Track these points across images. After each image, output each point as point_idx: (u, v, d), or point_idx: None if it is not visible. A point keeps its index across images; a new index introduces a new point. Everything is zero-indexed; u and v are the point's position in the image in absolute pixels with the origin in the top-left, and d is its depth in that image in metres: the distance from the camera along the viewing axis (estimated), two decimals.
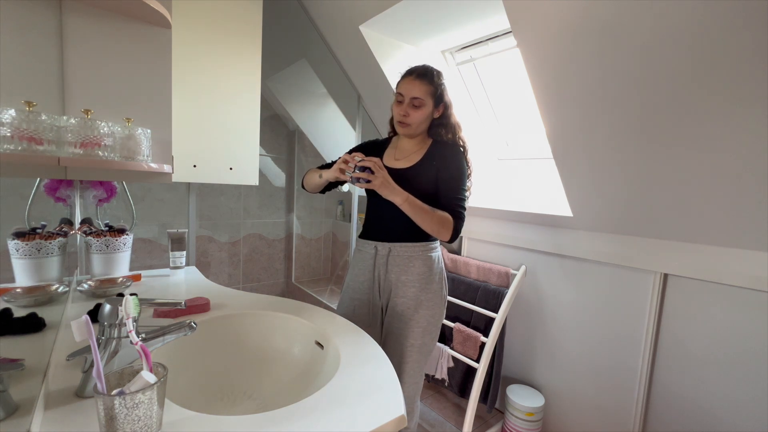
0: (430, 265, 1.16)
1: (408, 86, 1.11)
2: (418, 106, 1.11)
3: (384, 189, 1.02)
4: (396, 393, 0.66)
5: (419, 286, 1.14)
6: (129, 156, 0.81)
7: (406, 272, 1.14)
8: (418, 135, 1.18)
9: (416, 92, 1.10)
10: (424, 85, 1.11)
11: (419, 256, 1.15)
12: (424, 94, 1.10)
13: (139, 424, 0.47)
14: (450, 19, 1.48)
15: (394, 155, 1.20)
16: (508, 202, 1.84)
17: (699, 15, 0.83)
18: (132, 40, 0.86)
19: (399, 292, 1.15)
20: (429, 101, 1.12)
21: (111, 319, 0.60)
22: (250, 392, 0.83)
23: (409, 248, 1.14)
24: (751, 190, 1.04)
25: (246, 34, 1.54)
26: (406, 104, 1.12)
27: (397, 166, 1.16)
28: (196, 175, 1.47)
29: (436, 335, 1.19)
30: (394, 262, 1.15)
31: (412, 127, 1.13)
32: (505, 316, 1.67)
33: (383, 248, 1.16)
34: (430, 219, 1.05)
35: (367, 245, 1.20)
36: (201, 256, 2.48)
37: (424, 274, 1.14)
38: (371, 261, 1.18)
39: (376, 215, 1.21)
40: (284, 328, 0.95)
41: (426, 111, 1.12)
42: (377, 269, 1.17)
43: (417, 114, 1.12)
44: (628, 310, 1.46)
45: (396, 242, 1.15)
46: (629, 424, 1.46)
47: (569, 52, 1.07)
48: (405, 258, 1.14)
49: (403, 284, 1.14)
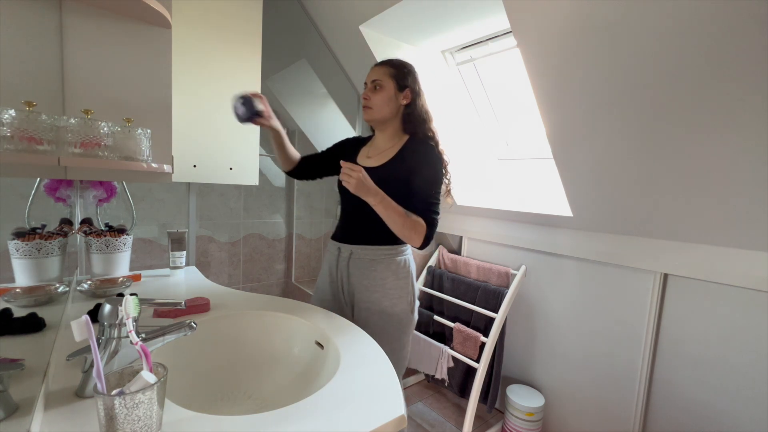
0: (394, 270, 1.10)
1: (369, 74, 1.13)
2: (378, 88, 1.10)
3: (359, 190, 0.97)
4: (396, 393, 0.66)
5: (383, 292, 1.09)
6: (129, 156, 0.81)
7: (367, 277, 1.09)
8: (389, 127, 1.14)
9: (375, 75, 1.11)
10: (384, 68, 1.11)
11: (382, 260, 1.10)
12: (383, 76, 1.10)
13: (139, 424, 0.47)
14: (450, 19, 1.48)
15: (367, 153, 1.18)
16: (508, 202, 1.84)
17: (699, 15, 0.83)
18: (132, 40, 0.86)
19: (363, 297, 1.10)
20: (389, 83, 1.10)
21: (111, 319, 0.60)
22: (250, 392, 0.83)
23: (372, 251, 1.10)
24: (751, 190, 1.04)
25: (246, 34, 1.54)
26: (367, 89, 1.12)
27: (367, 164, 1.12)
28: (196, 175, 1.47)
29: (406, 342, 1.13)
30: (355, 266, 1.11)
31: (374, 110, 1.10)
32: (505, 316, 1.67)
33: (345, 250, 1.13)
34: (402, 223, 1.01)
35: (332, 246, 1.17)
36: (201, 256, 2.48)
37: (388, 279, 1.09)
38: (335, 262, 1.15)
39: (344, 216, 1.18)
40: (284, 328, 0.95)
41: (387, 93, 1.09)
42: (339, 272, 1.14)
43: (377, 96, 1.10)
44: (628, 310, 1.46)
45: (358, 245, 1.11)
46: (629, 424, 1.46)
47: (569, 52, 1.07)
48: (367, 261, 1.10)
49: (365, 289, 1.10)
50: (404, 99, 1.11)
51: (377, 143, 1.18)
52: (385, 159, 1.11)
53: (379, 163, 1.11)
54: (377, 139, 1.18)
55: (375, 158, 1.14)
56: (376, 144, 1.18)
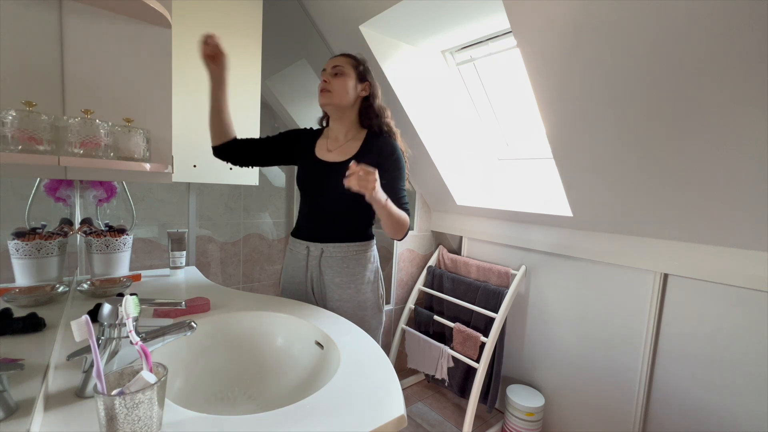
0: (364, 264, 1.13)
1: (328, 63, 1.12)
2: (339, 73, 1.09)
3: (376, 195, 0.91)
4: (396, 393, 0.66)
5: (354, 287, 1.11)
6: (129, 156, 0.81)
7: (340, 274, 1.10)
8: (345, 117, 1.13)
9: (336, 62, 1.10)
10: (345, 58, 1.12)
11: (353, 256, 1.11)
12: (345, 64, 1.10)
13: (139, 424, 0.47)
14: (450, 19, 1.48)
15: (326, 146, 1.16)
16: (508, 202, 1.84)
17: (700, 15, 0.83)
18: (132, 40, 0.86)
19: (334, 295, 1.11)
20: (351, 71, 1.10)
21: (111, 319, 0.60)
22: (250, 392, 0.82)
23: (343, 249, 1.11)
24: (751, 190, 1.04)
25: (246, 34, 1.54)
26: (327, 74, 1.10)
27: (330, 159, 1.11)
28: (196, 175, 1.46)
29: (377, 337, 1.16)
30: (327, 264, 1.11)
31: (334, 94, 1.08)
32: (505, 316, 1.67)
33: (315, 249, 1.12)
34: (398, 222, 1.01)
35: (298, 245, 1.16)
36: (201, 256, 2.48)
37: (359, 274, 1.11)
38: (303, 262, 1.14)
39: (308, 213, 1.16)
40: (284, 328, 0.95)
41: (348, 81, 1.09)
42: (310, 271, 1.14)
43: (338, 81, 1.09)
44: (628, 310, 1.46)
45: (329, 243, 1.11)
46: (629, 424, 1.46)
47: (569, 52, 1.07)
48: (338, 259, 1.11)
49: (337, 286, 1.11)
50: (363, 91, 1.13)
51: (335, 135, 1.16)
52: (349, 154, 1.11)
53: (343, 158, 1.10)
54: (334, 131, 1.17)
55: (336, 152, 1.13)
56: (333, 136, 1.17)
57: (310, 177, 1.14)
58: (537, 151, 1.76)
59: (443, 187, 1.94)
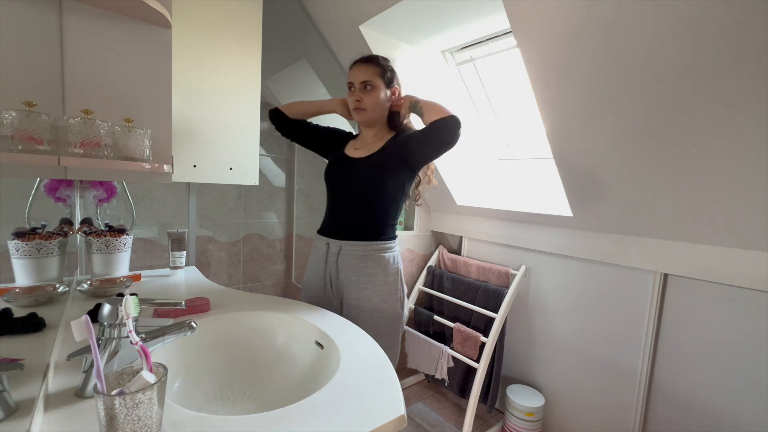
0: (383, 266, 1.11)
1: (356, 73, 1.12)
2: (370, 89, 1.11)
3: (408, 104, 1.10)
4: (396, 393, 0.66)
5: (372, 288, 1.09)
6: (129, 156, 0.81)
7: (357, 273, 1.10)
8: (377, 124, 1.17)
9: (364, 76, 1.11)
10: (371, 67, 1.11)
11: (371, 256, 1.10)
12: (373, 76, 1.11)
13: (139, 424, 0.47)
14: (450, 19, 1.48)
15: (354, 145, 1.20)
16: (508, 202, 1.84)
17: (701, 15, 0.83)
18: (132, 40, 0.86)
19: (352, 294, 1.10)
20: (379, 83, 1.12)
21: (111, 319, 0.60)
22: (250, 392, 0.83)
23: (361, 247, 1.10)
24: (751, 190, 1.04)
25: (246, 34, 1.54)
26: (357, 90, 1.12)
27: (356, 155, 1.16)
28: (196, 175, 1.46)
29: (397, 338, 1.14)
30: (345, 261, 1.11)
31: (368, 111, 1.12)
32: (505, 316, 1.67)
33: (334, 246, 1.13)
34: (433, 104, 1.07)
35: (320, 241, 1.18)
36: (201, 256, 2.48)
37: (377, 275, 1.10)
38: (323, 259, 1.15)
39: (331, 209, 1.18)
40: (284, 328, 0.95)
41: (379, 94, 1.12)
42: (328, 267, 1.14)
43: (369, 97, 1.11)
44: (628, 310, 1.46)
45: (347, 240, 1.11)
46: (629, 424, 1.46)
47: (569, 52, 1.07)
48: (356, 257, 1.10)
49: (355, 285, 1.10)
50: (391, 95, 1.16)
51: (364, 137, 1.21)
52: (372, 150, 1.15)
53: (367, 154, 1.15)
54: (364, 134, 1.22)
55: (362, 150, 1.17)
56: (363, 137, 1.22)
57: (334, 171, 1.18)
58: (537, 151, 1.76)
59: (443, 187, 1.94)
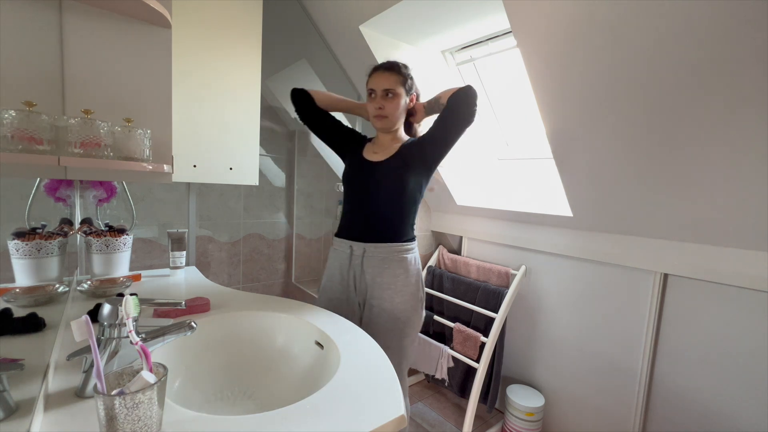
0: (406, 267, 1.14)
1: (378, 80, 1.13)
2: (392, 96, 1.12)
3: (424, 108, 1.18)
4: (396, 393, 0.66)
5: (395, 289, 1.12)
6: (129, 156, 0.81)
7: (381, 274, 1.12)
8: (395, 129, 1.19)
9: (387, 84, 1.12)
10: (393, 75, 1.13)
11: (394, 257, 1.13)
12: (395, 84, 1.12)
13: (139, 424, 0.47)
14: (450, 19, 1.48)
15: (372, 149, 1.21)
16: (508, 202, 1.84)
17: (701, 15, 0.83)
18: (132, 40, 0.86)
19: (375, 294, 1.13)
20: (401, 91, 1.13)
21: (111, 319, 0.60)
22: (250, 392, 0.83)
23: (384, 249, 1.13)
24: (751, 191, 1.04)
25: (246, 34, 1.54)
26: (379, 97, 1.13)
27: (374, 159, 1.17)
28: (196, 175, 1.46)
29: (414, 337, 1.17)
30: (369, 263, 1.13)
31: (389, 119, 1.14)
32: (505, 316, 1.67)
33: (358, 248, 1.14)
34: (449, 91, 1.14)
35: (342, 244, 1.19)
36: (201, 256, 2.48)
37: (400, 276, 1.13)
38: (346, 261, 1.16)
39: (351, 212, 1.20)
40: (284, 328, 0.95)
41: (400, 101, 1.14)
42: (352, 269, 1.16)
43: (391, 105, 1.13)
44: (628, 310, 1.46)
45: (370, 242, 1.13)
46: (629, 424, 1.46)
47: (569, 52, 1.07)
48: (380, 259, 1.12)
49: (378, 286, 1.12)
50: (410, 102, 1.18)
51: (381, 141, 1.22)
52: (390, 153, 1.17)
53: (386, 158, 1.17)
54: (382, 139, 1.22)
55: (381, 154, 1.18)
56: (380, 142, 1.23)
57: (355, 175, 1.19)
58: (537, 151, 1.76)
59: (443, 187, 1.94)
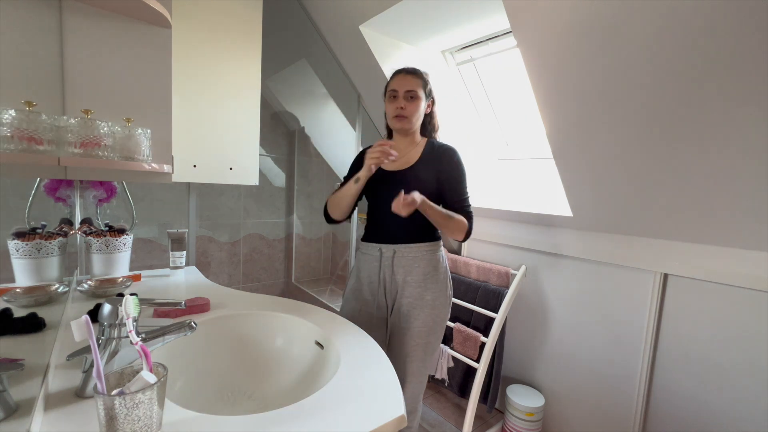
0: (435, 265, 1.18)
1: (401, 81, 1.14)
2: (414, 98, 1.13)
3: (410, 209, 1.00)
4: (396, 393, 0.66)
5: (425, 286, 1.15)
6: (129, 156, 0.81)
7: (411, 273, 1.15)
8: (412, 133, 1.20)
9: (410, 86, 1.13)
10: (416, 79, 1.15)
11: (424, 256, 1.16)
12: (417, 87, 1.14)
13: (139, 424, 0.47)
14: (450, 19, 1.48)
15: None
16: (508, 202, 1.84)
17: (700, 15, 0.83)
18: (132, 40, 0.86)
19: (405, 293, 1.16)
20: (422, 94, 1.15)
21: (111, 319, 0.60)
22: (250, 392, 0.83)
23: (414, 249, 1.16)
24: (751, 190, 1.04)
25: (246, 34, 1.54)
26: (401, 98, 1.13)
27: (394, 168, 1.17)
28: (196, 175, 1.47)
29: (441, 335, 1.20)
30: (400, 264, 1.16)
31: (409, 119, 1.14)
32: (505, 316, 1.67)
33: (388, 250, 1.17)
34: (446, 224, 1.11)
35: (371, 248, 1.21)
36: (201, 256, 2.48)
37: (429, 273, 1.16)
38: (377, 263, 1.18)
39: (378, 218, 1.21)
40: (284, 328, 0.95)
41: (421, 104, 1.15)
42: (383, 271, 1.18)
43: (413, 106, 1.14)
44: (628, 310, 1.46)
45: (400, 244, 1.16)
46: (629, 424, 1.46)
47: (569, 52, 1.07)
48: (410, 259, 1.16)
49: (408, 284, 1.15)
50: (428, 107, 1.20)
51: (398, 146, 1.18)
52: (411, 161, 1.17)
53: (406, 166, 1.17)
54: (398, 143, 1.21)
55: (399, 161, 1.17)
56: (397, 147, 1.17)
57: (378, 186, 1.19)
58: (537, 151, 1.76)
59: None
